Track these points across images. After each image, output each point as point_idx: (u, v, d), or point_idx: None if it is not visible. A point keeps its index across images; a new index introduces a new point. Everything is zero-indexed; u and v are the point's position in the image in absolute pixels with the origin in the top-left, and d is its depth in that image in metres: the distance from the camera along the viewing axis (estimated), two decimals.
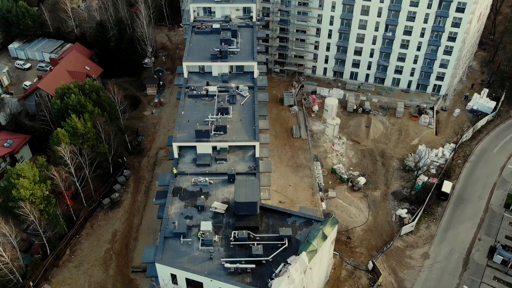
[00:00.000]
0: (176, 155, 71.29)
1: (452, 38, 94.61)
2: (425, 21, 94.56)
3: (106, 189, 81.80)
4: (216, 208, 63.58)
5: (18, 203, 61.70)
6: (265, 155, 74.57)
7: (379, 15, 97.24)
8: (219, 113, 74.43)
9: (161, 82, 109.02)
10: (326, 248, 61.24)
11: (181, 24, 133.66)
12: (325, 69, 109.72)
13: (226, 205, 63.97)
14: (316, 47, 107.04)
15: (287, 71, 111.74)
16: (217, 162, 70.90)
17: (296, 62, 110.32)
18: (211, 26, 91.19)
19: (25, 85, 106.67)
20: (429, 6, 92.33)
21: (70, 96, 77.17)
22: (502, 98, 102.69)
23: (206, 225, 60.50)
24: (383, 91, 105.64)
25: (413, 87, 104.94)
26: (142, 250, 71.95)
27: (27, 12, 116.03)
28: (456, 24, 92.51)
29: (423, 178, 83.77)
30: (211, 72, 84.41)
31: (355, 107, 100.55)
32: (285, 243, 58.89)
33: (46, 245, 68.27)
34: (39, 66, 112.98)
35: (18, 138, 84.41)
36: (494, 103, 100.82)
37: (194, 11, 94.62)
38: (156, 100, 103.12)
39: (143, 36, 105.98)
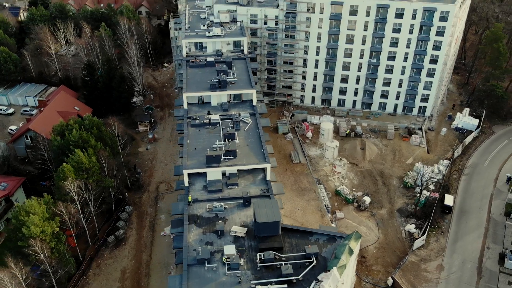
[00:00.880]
0: (186, 183, 70.07)
1: (434, 60, 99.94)
2: (408, 46, 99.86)
3: (110, 226, 78.68)
4: (236, 232, 62.28)
5: (29, 241, 58.24)
6: (272, 179, 74.46)
7: (363, 43, 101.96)
8: (226, 139, 74.40)
9: (152, 119, 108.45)
10: (351, 263, 60.66)
11: (164, 64, 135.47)
12: (313, 97, 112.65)
13: (246, 228, 62.80)
14: (303, 77, 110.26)
15: (276, 102, 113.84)
16: (229, 187, 70.10)
17: (284, 92, 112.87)
18: (205, 59, 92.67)
19: (10, 129, 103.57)
20: (411, 32, 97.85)
21: (71, 132, 75.29)
22: (483, 116, 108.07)
23: (230, 249, 58.87)
24: (371, 115, 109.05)
25: (399, 110, 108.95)
26: (156, 286, 69.31)
27: (9, 57, 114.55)
28: (437, 47, 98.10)
29: (425, 194, 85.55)
30: (210, 102, 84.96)
31: (347, 132, 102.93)
32: (313, 261, 57.91)
33: (55, 287, 64.06)
34: (23, 111, 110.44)
35: (13, 181, 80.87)
36: (477, 120, 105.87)
37: (186, 46, 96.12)
38: (150, 136, 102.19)
39: (133, 74, 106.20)
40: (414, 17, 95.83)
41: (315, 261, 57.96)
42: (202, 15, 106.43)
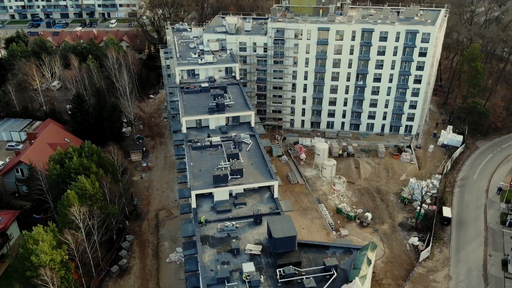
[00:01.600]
0: (194, 205, 69.17)
1: (418, 80, 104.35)
2: (392, 68, 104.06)
3: (112, 256, 75.96)
4: (251, 250, 61.46)
5: (38, 270, 55.45)
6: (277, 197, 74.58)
7: (350, 66, 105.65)
8: (230, 159, 74.45)
9: (144, 148, 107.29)
10: (369, 274, 60.61)
11: (150, 95, 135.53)
12: (303, 121, 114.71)
13: (261, 246, 62.09)
14: (293, 101, 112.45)
15: (267, 126, 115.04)
16: (237, 207, 69.64)
17: (275, 116, 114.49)
18: (199, 85, 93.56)
19: None
20: (395, 54, 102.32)
21: (71, 160, 73.53)
22: (466, 132, 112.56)
23: (249, 267, 57.89)
24: (360, 136, 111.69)
25: (387, 129, 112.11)
26: None
27: None
28: (420, 67, 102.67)
29: (424, 207, 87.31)
30: (208, 126, 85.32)
31: (340, 152, 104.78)
32: (333, 273, 57.60)
33: None
34: (8, 145, 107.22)
35: (7, 214, 77.59)
36: (461, 137, 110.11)
37: (179, 74, 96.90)
38: (144, 165, 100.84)
39: (123, 105, 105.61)
40: (397, 39, 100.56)
41: (335, 274, 57.76)
42: (191, 45, 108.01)
